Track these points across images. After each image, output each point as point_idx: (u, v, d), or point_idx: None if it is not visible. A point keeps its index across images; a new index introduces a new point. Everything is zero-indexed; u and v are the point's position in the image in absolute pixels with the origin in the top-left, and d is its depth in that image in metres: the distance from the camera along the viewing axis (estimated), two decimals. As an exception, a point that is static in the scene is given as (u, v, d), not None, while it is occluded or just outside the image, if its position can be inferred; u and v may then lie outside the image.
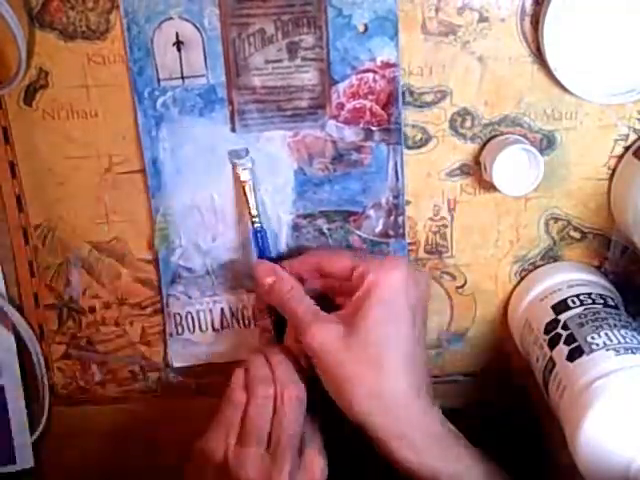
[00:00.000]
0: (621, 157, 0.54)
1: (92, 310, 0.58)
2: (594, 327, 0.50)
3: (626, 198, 0.52)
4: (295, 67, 0.52)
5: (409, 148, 0.54)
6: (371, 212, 0.55)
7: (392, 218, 0.56)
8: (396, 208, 0.55)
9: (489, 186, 0.54)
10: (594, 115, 0.53)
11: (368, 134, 0.53)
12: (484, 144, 0.54)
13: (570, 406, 0.47)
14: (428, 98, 0.53)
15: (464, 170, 0.55)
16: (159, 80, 0.52)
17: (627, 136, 0.53)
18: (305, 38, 0.51)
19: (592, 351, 0.48)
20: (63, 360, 0.60)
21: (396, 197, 0.55)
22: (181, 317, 0.59)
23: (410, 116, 0.53)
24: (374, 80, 0.52)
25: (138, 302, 0.59)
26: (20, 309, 0.59)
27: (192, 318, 0.59)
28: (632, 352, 0.47)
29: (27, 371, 0.60)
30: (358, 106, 0.53)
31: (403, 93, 0.53)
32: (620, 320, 0.51)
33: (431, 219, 0.56)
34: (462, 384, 0.59)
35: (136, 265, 0.57)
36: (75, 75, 0.52)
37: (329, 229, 0.56)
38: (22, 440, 0.61)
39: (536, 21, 0.50)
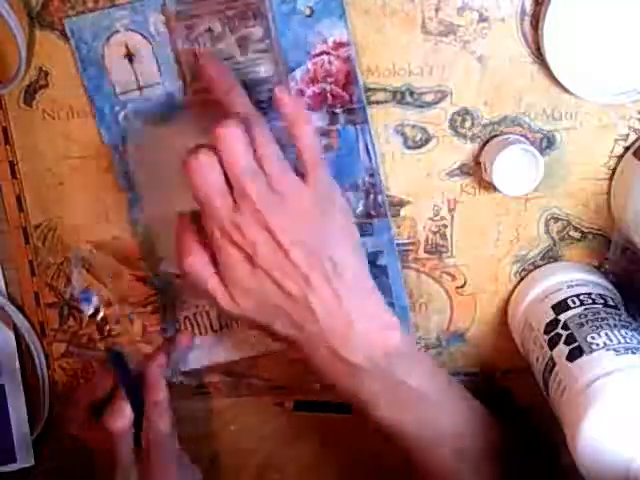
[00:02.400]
0: (621, 157, 0.54)
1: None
2: (594, 327, 0.50)
3: (626, 198, 0.52)
4: (248, 61, 0.51)
5: (409, 148, 0.54)
6: (349, 194, 0.55)
7: (371, 198, 0.55)
8: (373, 187, 0.55)
9: (489, 186, 0.54)
10: (594, 115, 0.53)
11: (333, 117, 0.53)
12: (484, 144, 0.54)
13: (570, 406, 0.47)
14: (428, 98, 0.53)
15: (464, 170, 0.55)
16: (117, 95, 0.52)
17: (627, 136, 0.53)
18: (253, 31, 0.51)
19: (592, 351, 0.48)
20: (64, 358, 0.60)
21: (372, 176, 0.54)
22: (179, 323, 0.59)
23: (410, 116, 0.53)
24: (329, 62, 0.52)
25: (139, 300, 0.59)
26: (21, 308, 0.59)
27: (190, 322, 0.59)
28: (632, 352, 0.47)
29: (27, 370, 0.60)
30: (318, 91, 0.52)
31: (403, 93, 0.53)
32: (620, 320, 0.51)
33: (431, 219, 0.56)
34: (462, 384, 0.59)
35: (136, 264, 0.57)
36: (75, 75, 0.52)
37: None
38: (22, 439, 0.61)
39: (536, 21, 0.50)
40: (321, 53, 0.51)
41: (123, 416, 0.56)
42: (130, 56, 0.51)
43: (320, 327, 0.48)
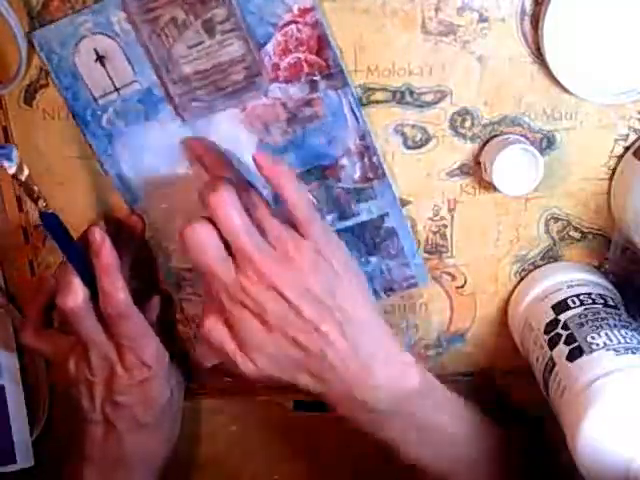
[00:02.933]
0: (621, 157, 0.54)
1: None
2: (594, 327, 0.50)
3: (626, 198, 0.52)
4: (218, 44, 0.51)
5: (409, 148, 0.54)
6: (344, 160, 0.54)
7: (367, 160, 0.54)
8: (367, 149, 0.54)
9: (489, 186, 0.54)
10: (594, 115, 0.53)
11: (313, 85, 0.52)
12: (484, 144, 0.54)
13: (570, 406, 0.47)
14: (428, 98, 0.53)
15: (464, 170, 0.55)
16: (95, 99, 0.52)
17: (627, 136, 0.53)
18: (217, 12, 0.50)
19: (592, 351, 0.48)
20: (63, 359, 0.60)
21: (363, 138, 0.54)
22: (200, 317, 0.59)
23: (410, 116, 0.53)
24: (298, 30, 0.51)
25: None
26: (20, 309, 0.59)
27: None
28: (632, 352, 0.47)
29: (27, 371, 0.60)
30: (292, 61, 0.51)
31: (403, 93, 0.53)
32: (620, 320, 0.51)
33: (431, 219, 0.56)
34: (462, 384, 0.59)
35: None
36: (75, 75, 0.52)
37: (310, 190, 0.55)
38: (22, 440, 0.61)
39: (536, 21, 0.50)
40: (289, 23, 0.51)
41: (73, 291, 0.50)
42: (101, 59, 0.51)
43: (341, 378, 0.48)
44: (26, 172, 0.46)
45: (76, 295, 0.50)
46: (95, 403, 0.54)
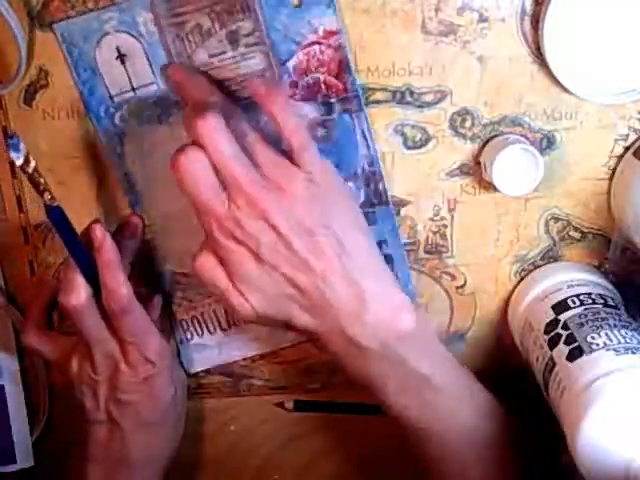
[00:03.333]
0: (621, 157, 0.54)
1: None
2: (594, 327, 0.50)
3: (626, 198, 0.52)
4: (240, 55, 0.51)
5: (409, 148, 0.54)
6: (350, 184, 0.54)
7: (372, 186, 0.54)
8: (374, 175, 0.54)
9: (489, 186, 0.54)
10: (594, 115, 0.53)
11: (328, 107, 0.52)
12: (484, 144, 0.54)
13: (570, 406, 0.47)
14: (428, 98, 0.53)
15: (464, 170, 0.55)
16: (111, 96, 0.52)
17: (627, 136, 0.53)
18: (242, 25, 0.50)
19: (592, 351, 0.48)
20: (63, 359, 0.60)
21: (371, 164, 0.54)
22: (188, 323, 0.59)
23: (410, 116, 0.53)
24: (321, 51, 0.51)
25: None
26: (20, 309, 0.59)
27: (198, 322, 0.59)
28: (632, 352, 0.47)
29: (27, 371, 0.60)
30: (311, 81, 0.52)
31: (403, 93, 0.53)
32: (620, 320, 0.51)
33: (431, 219, 0.56)
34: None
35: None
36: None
37: None
38: (22, 440, 0.61)
39: (536, 21, 0.50)
40: (312, 43, 0.51)
41: (76, 289, 0.49)
42: (122, 57, 0.51)
43: (335, 314, 0.47)
44: (33, 164, 0.45)
45: (79, 293, 0.49)
46: (99, 403, 0.54)
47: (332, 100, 0.52)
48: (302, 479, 0.64)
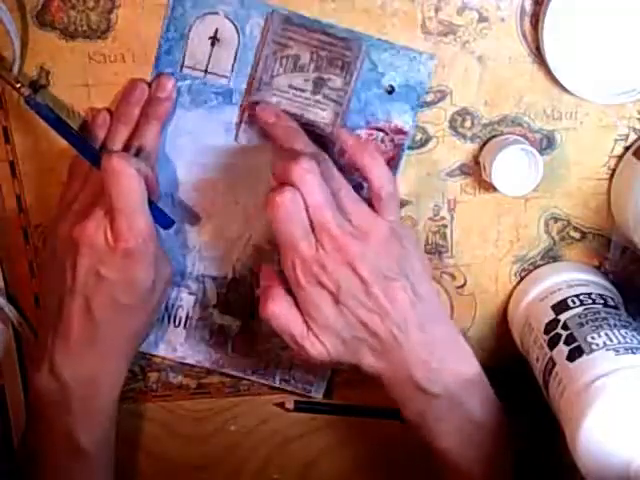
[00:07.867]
0: (621, 157, 0.54)
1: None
2: (594, 327, 0.50)
3: (626, 198, 0.52)
4: (314, 101, 0.52)
5: (409, 148, 0.54)
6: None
7: None
8: None
9: (489, 186, 0.54)
10: (594, 115, 0.53)
11: (359, 189, 0.52)
12: (484, 144, 0.54)
13: (570, 406, 0.47)
14: (428, 98, 0.53)
15: (464, 170, 0.55)
16: (182, 66, 0.52)
17: (627, 136, 0.53)
18: (334, 78, 0.52)
19: (592, 351, 0.48)
20: (63, 360, 0.60)
21: None
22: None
23: (410, 116, 0.53)
24: (382, 140, 0.53)
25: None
26: (20, 309, 0.59)
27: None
28: (632, 352, 0.47)
29: (27, 371, 0.60)
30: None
31: (403, 93, 0.53)
32: (620, 320, 0.51)
33: (431, 219, 0.56)
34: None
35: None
36: (76, 74, 0.52)
37: None
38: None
39: (536, 21, 0.50)
40: (379, 129, 0.53)
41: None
42: (215, 39, 0.51)
43: (404, 358, 0.48)
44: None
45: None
46: (77, 272, 0.51)
47: (365, 185, 0.52)
48: (302, 479, 0.64)
